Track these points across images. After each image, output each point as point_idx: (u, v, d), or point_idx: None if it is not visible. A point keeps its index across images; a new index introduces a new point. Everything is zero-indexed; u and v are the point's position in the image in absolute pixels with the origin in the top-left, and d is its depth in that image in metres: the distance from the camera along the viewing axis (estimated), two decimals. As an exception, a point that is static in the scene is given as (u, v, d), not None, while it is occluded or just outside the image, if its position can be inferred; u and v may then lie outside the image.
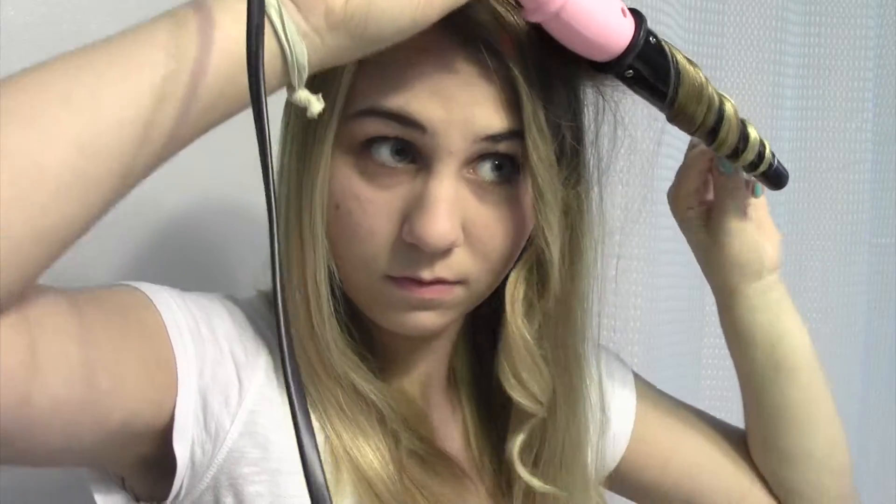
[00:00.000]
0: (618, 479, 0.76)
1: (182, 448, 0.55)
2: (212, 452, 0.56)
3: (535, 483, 0.63)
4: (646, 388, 0.78)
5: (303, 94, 0.47)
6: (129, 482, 0.59)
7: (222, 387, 0.57)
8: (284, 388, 0.59)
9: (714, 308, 1.10)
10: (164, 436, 0.55)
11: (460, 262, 0.57)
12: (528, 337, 0.59)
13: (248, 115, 0.45)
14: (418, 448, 0.62)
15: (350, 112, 0.55)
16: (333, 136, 0.55)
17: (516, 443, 0.63)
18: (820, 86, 1.15)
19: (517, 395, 0.60)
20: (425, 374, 0.67)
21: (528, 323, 0.59)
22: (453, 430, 0.68)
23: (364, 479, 0.58)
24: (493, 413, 0.67)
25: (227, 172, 0.83)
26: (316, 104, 0.47)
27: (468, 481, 0.65)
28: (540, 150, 0.54)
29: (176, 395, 0.54)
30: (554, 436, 0.63)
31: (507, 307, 0.59)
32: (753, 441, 0.76)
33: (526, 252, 0.59)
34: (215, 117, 0.47)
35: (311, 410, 0.57)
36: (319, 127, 0.55)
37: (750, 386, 0.75)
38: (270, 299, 0.62)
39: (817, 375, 0.73)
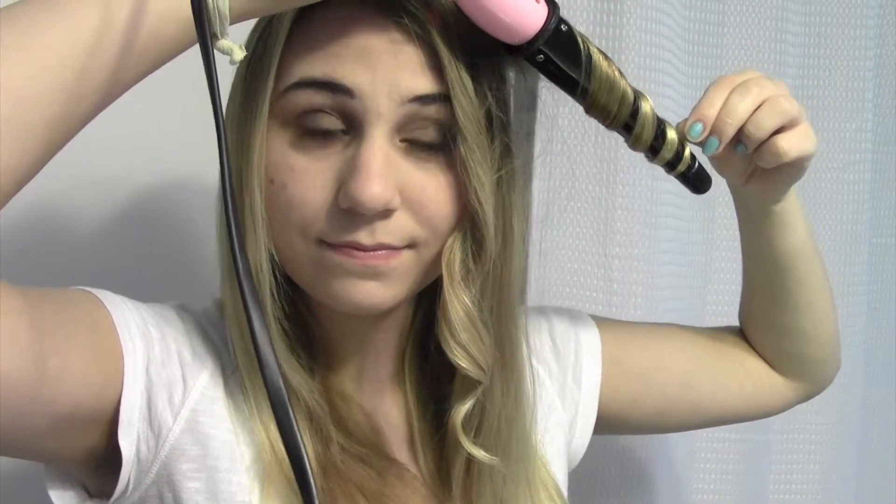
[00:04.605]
0: (610, 413, 0.78)
1: (127, 443, 0.57)
2: (155, 448, 0.58)
3: (479, 454, 0.63)
4: (607, 319, 0.82)
5: (225, 43, 0.49)
6: (82, 478, 0.61)
7: (167, 385, 0.59)
8: (230, 390, 0.61)
9: (714, 308, 1.11)
10: (109, 430, 0.57)
11: (403, 227, 0.58)
12: (468, 301, 0.60)
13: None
14: (352, 448, 0.63)
15: (282, 87, 0.57)
16: (268, 113, 0.57)
17: (461, 412, 0.63)
18: (820, 86, 1.15)
19: (461, 361, 0.61)
20: (369, 371, 0.68)
21: (467, 288, 0.61)
22: (400, 426, 0.69)
23: (284, 474, 0.59)
24: (437, 393, 0.67)
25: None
26: (238, 52, 0.50)
27: (410, 477, 0.66)
28: (467, 111, 0.57)
29: (121, 388, 0.56)
30: (492, 405, 0.64)
31: (445, 273, 0.60)
32: (753, 323, 0.82)
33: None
34: (146, 67, 0.49)
35: (241, 400, 0.61)
36: (255, 106, 0.57)
37: (758, 281, 0.79)
38: (222, 307, 0.64)
39: (816, 264, 0.77)
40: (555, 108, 0.67)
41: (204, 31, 0.46)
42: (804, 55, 1.15)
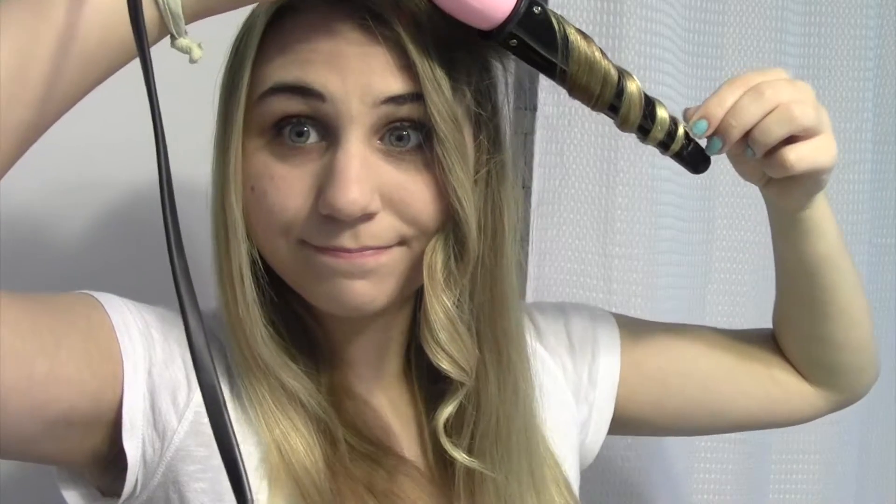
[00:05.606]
0: (629, 414, 0.77)
1: (132, 446, 0.57)
2: (161, 451, 0.58)
3: (459, 456, 0.63)
4: (629, 319, 0.80)
5: (183, 42, 0.49)
6: (92, 478, 0.61)
7: (170, 387, 0.58)
8: (235, 392, 0.61)
9: (714, 308, 1.11)
10: (112, 433, 0.57)
11: (388, 227, 0.58)
12: (448, 303, 0.60)
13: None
14: (362, 447, 0.63)
15: (256, 95, 0.57)
16: (243, 122, 0.57)
17: (443, 414, 0.63)
18: (820, 86, 1.15)
19: (441, 363, 0.61)
20: (376, 370, 0.67)
21: (448, 290, 0.60)
22: (409, 423, 0.68)
23: (292, 476, 0.59)
24: (441, 391, 0.66)
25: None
26: (197, 51, 0.50)
27: (418, 475, 0.66)
28: (441, 110, 0.56)
29: (120, 391, 0.56)
30: (487, 403, 0.63)
31: (426, 276, 0.60)
32: (783, 329, 0.80)
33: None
34: (99, 71, 0.49)
35: (245, 403, 0.60)
36: (231, 114, 0.57)
37: (786, 286, 0.76)
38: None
39: (846, 273, 0.74)
40: (555, 108, 0.67)
41: (140, 32, 0.45)
42: (804, 55, 1.15)
